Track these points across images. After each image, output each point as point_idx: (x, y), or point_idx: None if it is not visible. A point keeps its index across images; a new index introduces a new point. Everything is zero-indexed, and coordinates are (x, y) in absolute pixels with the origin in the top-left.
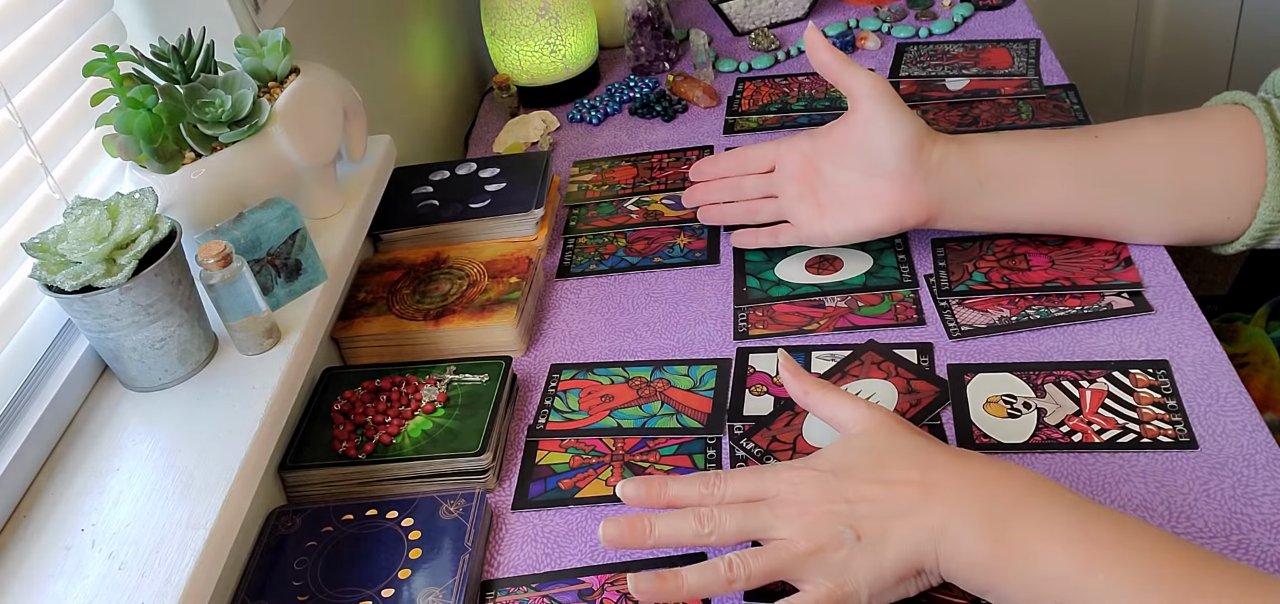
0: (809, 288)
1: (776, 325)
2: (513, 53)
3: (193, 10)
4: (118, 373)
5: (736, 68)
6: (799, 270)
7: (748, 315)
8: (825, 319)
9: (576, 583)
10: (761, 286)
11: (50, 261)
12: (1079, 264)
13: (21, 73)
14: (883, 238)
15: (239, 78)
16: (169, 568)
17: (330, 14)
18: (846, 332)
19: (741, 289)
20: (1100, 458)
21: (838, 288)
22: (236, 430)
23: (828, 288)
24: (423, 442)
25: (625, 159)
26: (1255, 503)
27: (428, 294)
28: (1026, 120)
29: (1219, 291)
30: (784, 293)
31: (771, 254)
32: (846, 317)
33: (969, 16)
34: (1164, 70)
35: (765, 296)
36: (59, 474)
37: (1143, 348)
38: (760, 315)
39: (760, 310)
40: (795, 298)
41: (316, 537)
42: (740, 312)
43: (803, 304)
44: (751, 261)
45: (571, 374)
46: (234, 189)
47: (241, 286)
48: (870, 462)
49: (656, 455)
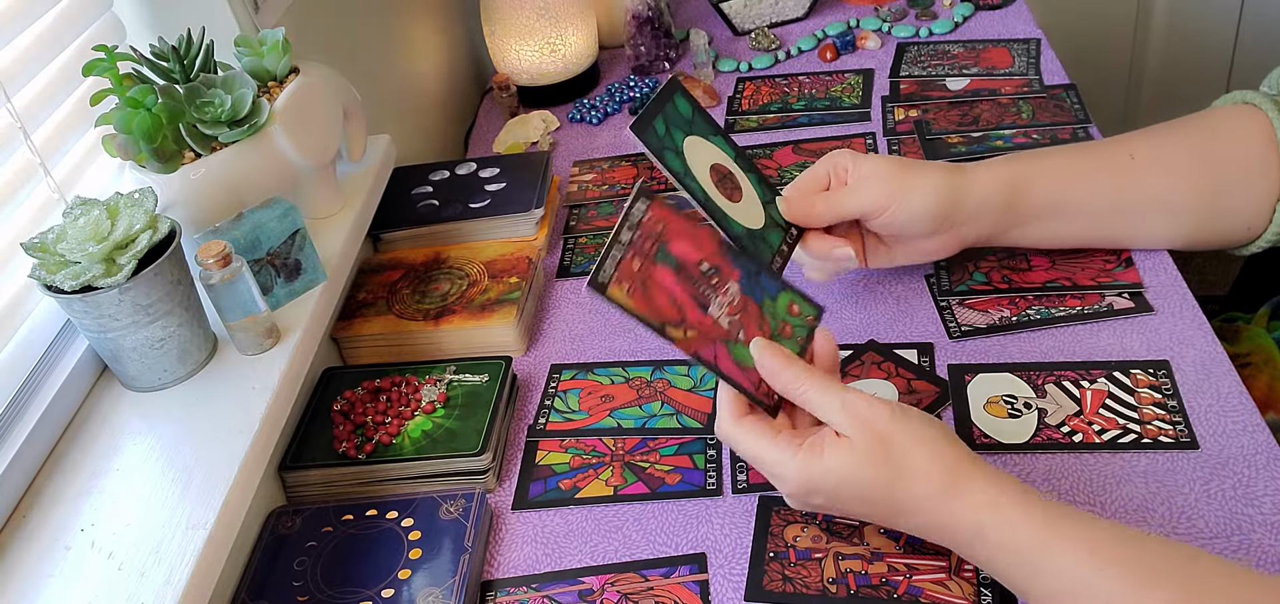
0: (697, 190)
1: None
2: (513, 53)
3: (192, 10)
4: (117, 373)
5: (736, 67)
6: (703, 166)
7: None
8: (689, 333)
9: (576, 583)
10: (663, 139)
11: (50, 261)
12: (1079, 264)
13: (21, 73)
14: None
15: (238, 78)
16: (169, 568)
17: (330, 14)
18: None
19: (645, 123)
20: (1101, 458)
21: (721, 219)
22: (236, 430)
23: (712, 208)
24: (423, 442)
25: (625, 159)
26: (1256, 503)
27: (428, 294)
28: (1027, 120)
29: (1219, 292)
30: (676, 168)
31: (694, 122)
32: (710, 345)
33: (969, 16)
34: (1164, 70)
35: (659, 152)
36: (58, 474)
37: (1143, 348)
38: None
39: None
40: (681, 180)
41: (316, 537)
42: (614, 248)
43: (687, 285)
44: (674, 110)
45: (571, 374)
46: (234, 189)
47: (241, 286)
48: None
49: (656, 455)
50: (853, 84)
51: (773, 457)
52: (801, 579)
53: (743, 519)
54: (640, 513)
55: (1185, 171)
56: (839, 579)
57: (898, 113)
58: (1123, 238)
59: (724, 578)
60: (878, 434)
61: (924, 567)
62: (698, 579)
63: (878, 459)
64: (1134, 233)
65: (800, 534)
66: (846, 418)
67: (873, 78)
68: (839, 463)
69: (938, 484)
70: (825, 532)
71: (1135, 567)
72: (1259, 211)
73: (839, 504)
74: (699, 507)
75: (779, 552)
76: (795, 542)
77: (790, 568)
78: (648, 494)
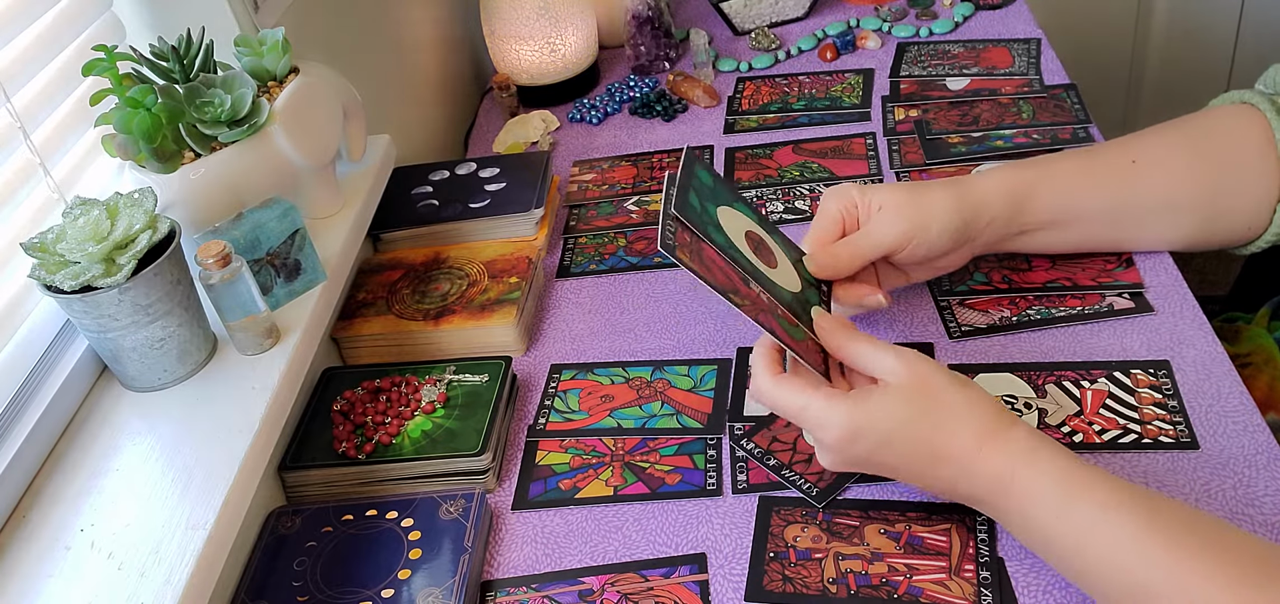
0: (743, 259)
1: (702, 267)
2: (513, 53)
3: (192, 10)
4: (117, 373)
5: (736, 67)
6: (739, 234)
7: (676, 233)
8: (748, 301)
9: (576, 583)
10: (700, 213)
11: (49, 261)
12: (1080, 265)
13: (21, 73)
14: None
15: (238, 77)
16: (168, 568)
17: (330, 14)
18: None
19: (682, 199)
20: (1101, 458)
21: (769, 287)
22: (236, 430)
23: (760, 278)
24: (423, 442)
25: (625, 159)
26: (1256, 503)
27: (428, 294)
28: (1027, 120)
29: (1220, 292)
30: (720, 241)
31: (717, 191)
32: (765, 314)
33: (969, 16)
34: (1164, 70)
35: (701, 225)
36: (58, 474)
37: (1144, 348)
38: (689, 240)
39: (690, 235)
40: (726, 255)
41: (316, 537)
42: (670, 222)
43: (731, 267)
44: (699, 183)
45: (571, 374)
46: (233, 189)
47: (241, 286)
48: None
49: (657, 456)
50: (853, 84)
51: (819, 405)
52: (801, 579)
53: (743, 519)
54: (640, 513)
55: (1186, 174)
56: (839, 579)
57: (898, 113)
58: (1126, 241)
59: (724, 578)
60: (925, 379)
61: (924, 567)
62: (698, 579)
63: (924, 401)
64: (1137, 236)
65: (800, 534)
66: (898, 363)
67: (873, 78)
68: (886, 407)
69: (977, 429)
70: (825, 532)
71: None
72: (1259, 211)
73: (881, 452)
74: (699, 507)
75: (779, 552)
76: (795, 542)
77: (790, 568)
78: (648, 494)
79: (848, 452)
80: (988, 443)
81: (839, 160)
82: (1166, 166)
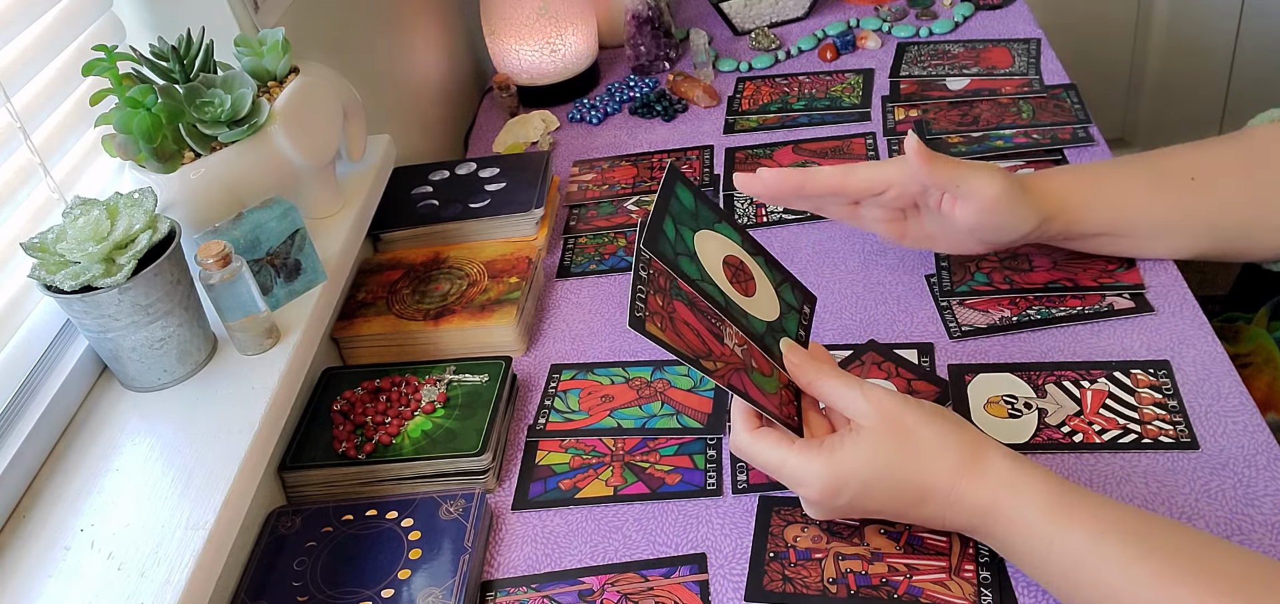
0: (716, 294)
1: (674, 335)
2: (513, 53)
3: (192, 10)
4: (117, 373)
5: (736, 67)
6: (717, 262)
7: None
8: (720, 363)
9: (576, 583)
10: (675, 243)
11: (49, 261)
12: (1081, 264)
13: (21, 73)
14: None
15: (238, 77)
16: (168, 568)
17: (330, 14)
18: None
19: (656, 229)
20: (1101, 458)
21: (741, 320)
22: (236, 430)
23: (733, 311)
24: (423, 442)
25: (625, 159)
26: (1256, 503)
27: (428, 294)
28: (1027, 120)
29: (1220, 292)
30: (692, 274)
31: (698, 213)
32: (738, 375)
33: (969, 16)
34: (1164, 70)
35: (674, 262)
36: (58, 474)
37: (1144, 348)
38: (660, 305)
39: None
40: (697, 294)
41: (316, 537)
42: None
43: (702, 319)
44: (678, 205)
45: (571, 374)
46: (233, 189)
47: (241, 286)
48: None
49: (657, 456)
50: (853, 84)
51: (794, 462)
52: (801, 579)
53: (743, 519)
54: (640, 513)
55: (1238, 193)
56: (839, 579)
57: (898, 113)
58: (1165, 251)
59: (724, 578)
60: (896, 418)
61: (924, 567)
62: (698, 579)
63: (898, 441)
64: (1177, 248)
65: (800, 534)
66: (867, 405)
67: (873, 78)
68: (862, 453)
69: (953, 464)
70: (825, 532)
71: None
72: None
73: (864, 499)
74: (699, 507)
75: (779, 552)
76: (795, 542)
77: (790, 568)
78: (648, 494)
79: (831, 504)
80: (964, 477)
81: (839, 160)
82: (1220, 185)
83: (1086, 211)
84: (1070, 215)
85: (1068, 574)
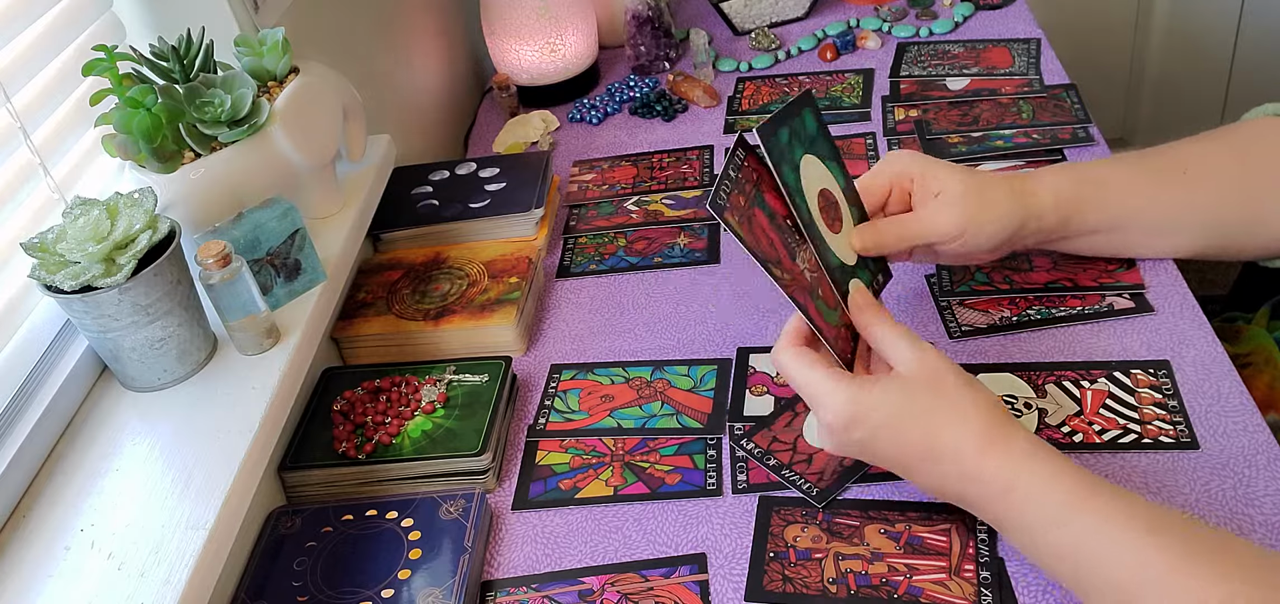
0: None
1: (748, 233)
2: (513, 53)
3: (192, 10)
4: (117, 373)
5: (736, 67)
6: (814, 186)
7: (731, 195)
8: (788, 276)
9: (576, 583)
10: (785, 149)
11: (49, 261)
12: (1081, 265)
13: (21, 73)
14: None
15: (238, 77)
16: (168, 568)
17: (330, 14)
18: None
19: (773, 129)
20: (1101, 458)
21: (819, 244)
22: (236, 430)
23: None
24: (423, 442)
25: (625, 159)
26: (1256, 503)
27: (428, 294)
28: (1027, 120)
29: (1219, 292)
30: (790, 182)
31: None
32: (803, 293)
33: (969, 16)
34: (1164, 70)
35: (777, 162)
36: (58, 474)
37: (1144, 348)
38: (742, 204)
39: (745, 192)
40: (785, 207)
41: (316, 537)
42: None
43: (779, 234)
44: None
45: (571, 374)
46: (233, 189)
47: (241, 286)
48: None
49: (657, 456)
50: (853, 84)
51: (823, 384)
52: (801, 579)
53: (743, 519)
54: (640, 513)
55: (1232, 187)
56: (839, 579)
57: (898, 113)
58: (1165, 250)
59: (724, 578)
60: (936, 373)
61: (924, 567)
62: (698, 579)
63: (929, 394)
64: (1176, 245)
65: (800, 534)
66: (913, 354)
67: (873, 78)
68: (888, 395)
69: (980, 431)
70: (825, 532)
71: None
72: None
73: (874, 443)
74: (699, 507)
75: (779, 552)
76: (795, 542)
77: (790, 568)
78: (648, 494)
79: (843, 436)
80: (990, 447)
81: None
82: (1215, 180)
83: (1085, 206)
84: (1063, 210)
85: (1079, 557)
